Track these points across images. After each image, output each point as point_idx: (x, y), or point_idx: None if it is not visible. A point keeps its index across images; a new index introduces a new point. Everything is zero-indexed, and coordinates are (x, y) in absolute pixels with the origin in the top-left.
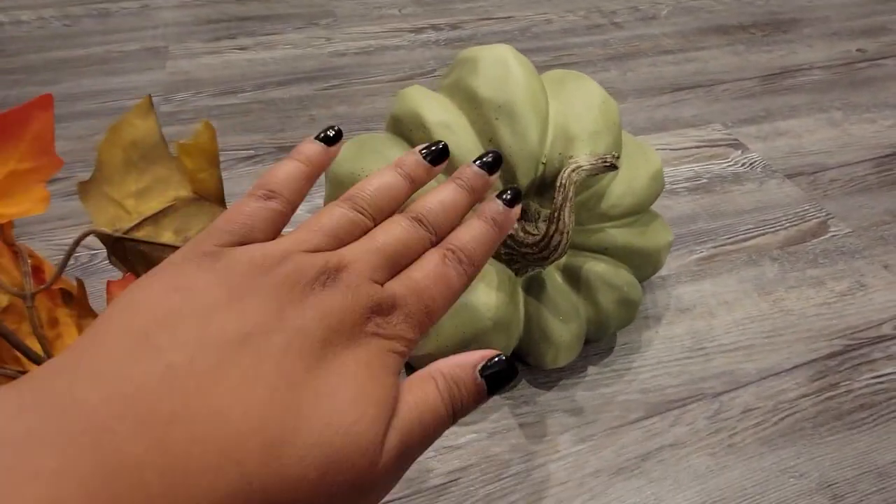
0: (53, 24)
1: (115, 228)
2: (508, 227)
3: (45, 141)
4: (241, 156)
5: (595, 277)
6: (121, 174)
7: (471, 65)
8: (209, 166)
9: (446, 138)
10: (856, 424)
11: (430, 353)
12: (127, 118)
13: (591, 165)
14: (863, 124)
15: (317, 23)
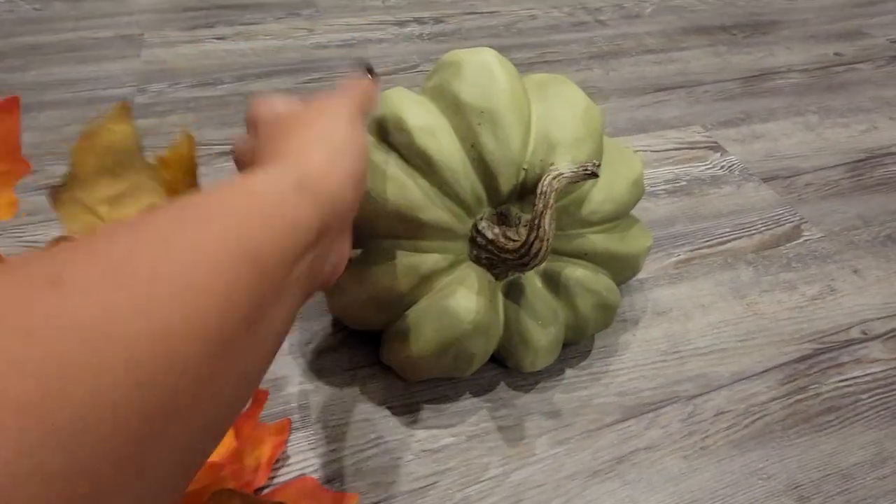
0: (23, 8)
1: None
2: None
3: (11, 145)
4: (219, 150)
5: (574, 282)
6: (94, 179)
7: (454, 69)
8: (186, 176)
9: (428, 143)
10: (822, 427)
11: (408, 357)
12: (103, 123)
13: (573, 173)
14: (837, 129)
15: (298, 13)
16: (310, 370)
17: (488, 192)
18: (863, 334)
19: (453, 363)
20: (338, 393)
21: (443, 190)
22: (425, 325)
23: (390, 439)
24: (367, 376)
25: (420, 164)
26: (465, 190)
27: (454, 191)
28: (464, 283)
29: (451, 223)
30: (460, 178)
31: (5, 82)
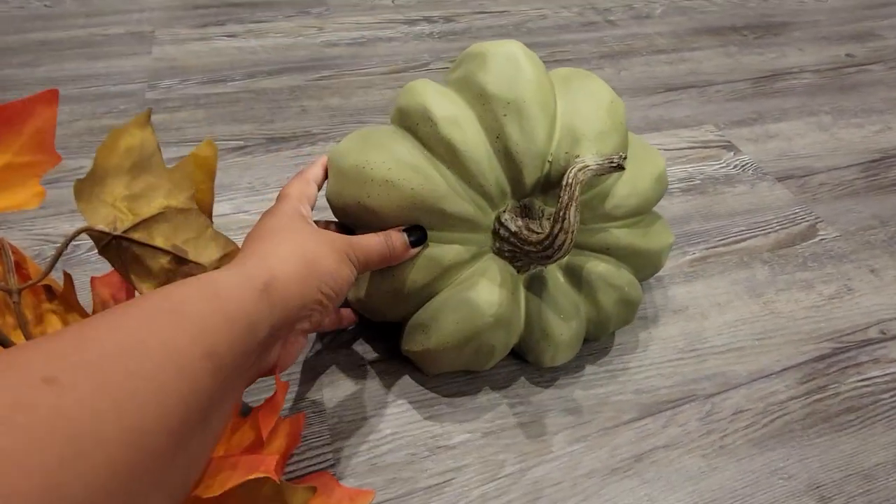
0: (34, 5)
1: (113, 227)
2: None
3: (46, 136)
4: (230, 146)
5: (596, 277)
6: (113, 177)
7: (480, 60)
8: (204, 182)
9: (453, 133)
10: (843, 427)
11: (428, 349)
12: (127, 128)
13: (598, 165)
14: (851, 129)
15: (308, 11)
16: (325, 366)
17: (512, 184)
18: (881, 334)
19: (473, 356)
20: (353, 388)
21: (467, 181)
22: (446, 316)
23: (406, 435)
24: (382, 371)
25: (445, 154)
26: (489, 181)
27: (478, 182)
28: (486, 275)
29: (474, 215)
30: (485, 169)
31: (17, 78)
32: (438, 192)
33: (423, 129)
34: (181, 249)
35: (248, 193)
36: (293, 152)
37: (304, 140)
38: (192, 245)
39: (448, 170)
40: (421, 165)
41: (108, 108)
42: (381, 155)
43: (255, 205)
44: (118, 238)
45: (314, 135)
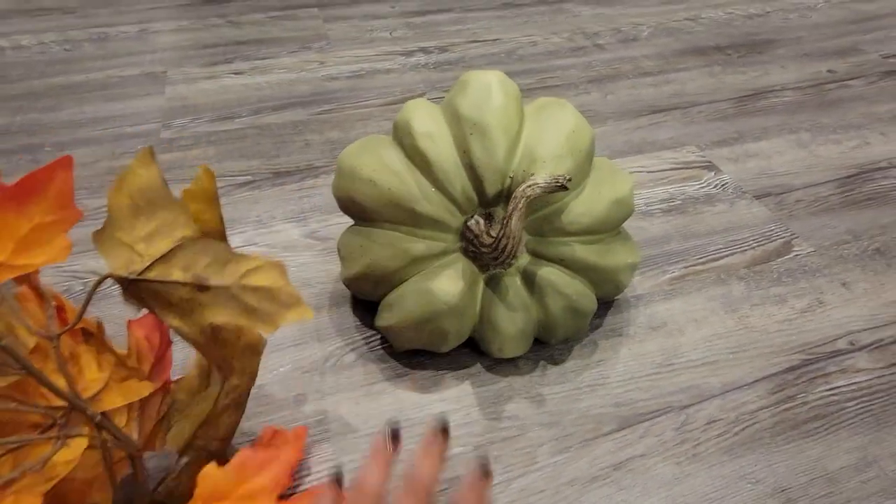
0: (54, 49)
1: (129, 271)
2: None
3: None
4: (238, 182)
5: (546, 283)
6: (130, 220)
7: (462, 86)
8: (210, 208)
9: (427, 146)
10: (809, 434)
11: (392, 325)
12: (131, 168)
13: (546, 184)
14: (829, 145)
15: (310, 46)
16: (327, 386)
17: (478, 194)
18: (850, 345)
19: (429, 337)
20: (354, 407)
21: (438, 188)
22: (409, 299)
23: (403, 450)
24: (380, 392)
25: (420, 163)
26: (456, 189)
27: (447, 189)
28: (449, 269)
29: (444, 217)
30: (452, 178)
31: (42, 122)
32: (411, 193)
33: (406, 141)
34: (201, 277)
35: (257, 226)
36: (297, 185)
37: (308, 173)
38: (212, 269)
39: (423, 177)
40: (400, 171)
41: (127, 149)
42: (370, 159)
43: (263, 237)
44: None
45: (317, 168)
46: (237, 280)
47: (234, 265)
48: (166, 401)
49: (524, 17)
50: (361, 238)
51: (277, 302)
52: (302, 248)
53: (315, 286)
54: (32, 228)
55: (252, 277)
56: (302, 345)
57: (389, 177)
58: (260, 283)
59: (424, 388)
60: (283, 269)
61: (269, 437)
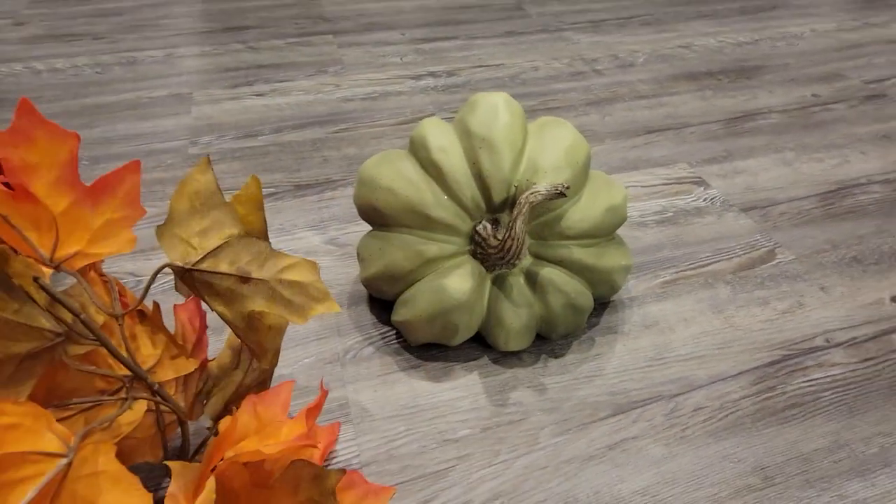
0: (86, 72)
1: (185, 262)
2: None
3: (133, 195)
4: (262, 194)
5: (548, 282)
6: (187, 218)
7: (472, 106)
8: (255, 211)
9: (441, 158)
10: (787, 420)
11: (407, 320)
12: (191, 174)
13: (546, 191)
14: (812, 163)
15: (326, 70)
16: (348, 375)
17: (486, 201)
18: (826, 342)
19: (441, 330)
20: (372, 394)
21: (450, 195)
22: (422, 296)
23: (417, 431)
24: (396, 381)
25: (434, 173)
26: (466, 197)
27: (458, 197)
28: (459, 269)
29: (454, 222)
30: (463, 187)
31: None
32: (426, 200)
33: (421, 154)
34: (244, 270)
35: (279, 234)
36: (317, 197)
37: (327, 186)
38: (254, 264)
39: (436, 185)
40: (416, 180)
41: (158, 163)
42: (389, 170)
43: (286, 243)
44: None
45: (335, 181)
46: (275, 274)
47: (273, 261)
48: (203, 376)
49: (527, 45)
50: (380, 241)
51: (309, 296)
52: (322, 253)
53: (335, 287)
54: (104, 223)
55: (288, 273)
56: (324, 339)
57: (406, 186)
58: (295, 277)
59: (436, 378)
60: (316, 267)
61: (312, 419)
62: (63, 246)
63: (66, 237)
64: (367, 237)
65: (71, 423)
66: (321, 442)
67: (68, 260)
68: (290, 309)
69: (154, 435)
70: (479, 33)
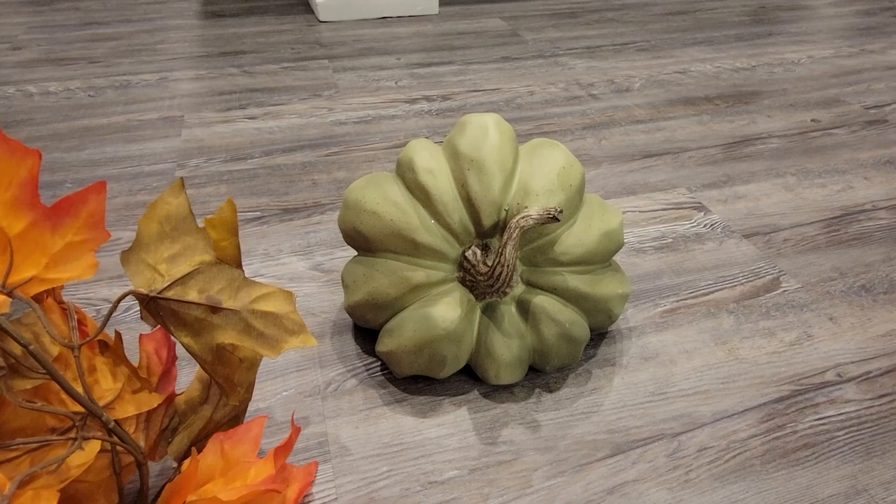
0: (79, 95)
1: (150, 289)
2: None
3: (97, 218)
4: (248, 217)
5: (540, 311)
6: (156, 243)
7: (461, 126)
8: (230, 236)
9: (428, 180)
10: (799, 462)
11: (392, 350)
12: (162, 197)
13: (538, 216)
14: (814, 188)
15: (320, 94)
16: (329, 409)
17: (475, 225)
18: (838, 377)
19: (428, 362)
20: (353, 431)
21: (437, 219)
22: (408, 325)
23: (400, 472)
24: (380, 416)
25: (421, 196)
26: (454, 221)
27: (446, 221)
28: (446, 296)
29: (442, 247)
30: (451, 210)
31: (64, 161)
32: (411, 225)
33: (408, 176)
34: (215, 299)
35: (265, 259)
36: (304, 221)
37: (315, 210)
38: (226, 293)
39: (423, 209)
40: (402, 203)
41: (143, 186)
42: (374, 193)
43: (270, 269)
44: (154, 298)
45: (323, 205)
46: (247, 304)
47: (247, 290)
48: (169, 412)
49: (522, 70)
50: (364, 267)
51: (283, 328)
52: (307, 279)
53: (319, 315)
54: (64, 246)
55: (262, 303)
56: (305, 370)
57: (392, 209)
58: (269, 308)
59: (422, 413)
60: (292, 297)
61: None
62: (17, 270)
63: (22, 261)
64: (351, 263)
65: (15, 465)
66: (296, 483)
67: (22, 285)
68: (261, 341)
69: (109, 478)
70: (474, 59)
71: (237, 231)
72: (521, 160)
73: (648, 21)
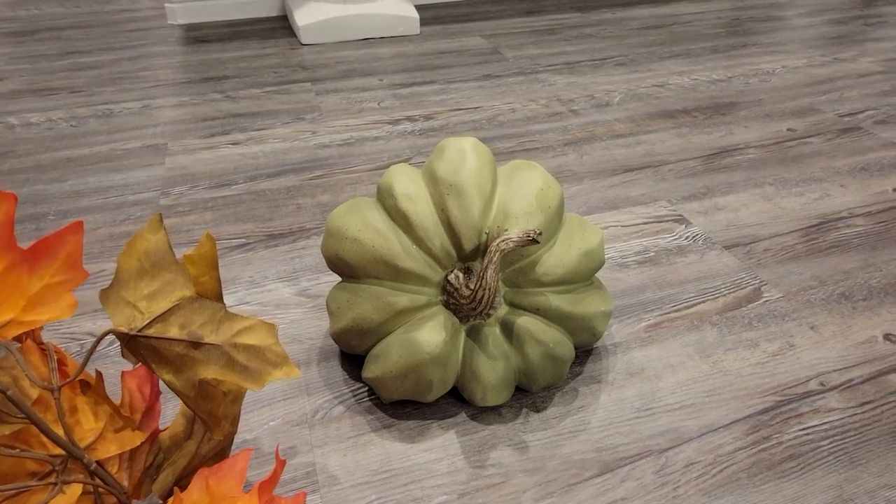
0: (61, 125)
1: (130, 328)
2: None
3: (75, 258)
4: (233, 244)
5: (524, 332)
6: (135, 280)
7: (440, 151)
8: (209, 271)
9: (408, 206)
10: (785, 474)
11: (378, 376)
12: (141, 233)
13: (518, 238)
14: (792, 198)
15: (303, 117)
16: (316, 438)
17: (457, 249)
18: (821, 386)
19: (414, 387)
20: (341, 459)
21: (419, 244)
22: (393, 351)
23: (389, 499)
24: (368, 442)
25: (402, 222)
26: (435, 245)
27: (427, 245)
28: (431, 321)
29: (425, 272)
30: (431, 235)
31: (47, 193)
32: (393, 250)
33: (388, 202)
34: (196, 335)
35: (249, 286)
36: (289, 246)
37: (300, 235)
38: (207, 328)
39: (405, 235)
40: (382, 230)
41: (127, 216)
42: (355, 219)
43: (256, 296)
44: (135, 336)
45: (308, 230)
46: (229, 338)
47: (228, 324)
48: (153, 449)
49: (503, 87)
50: (348, 293)
51: (265, 360)
52: (293, 305)
53: (305, 342)
54: (42, 287)
55: (244, 336)
56: (292, 399)
57: (373, 235)
58: (251, 341)
59: (410, 438)
60: (274, 329)
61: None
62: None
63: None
64: (335, 289)
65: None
66: None
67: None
68: (244, 375)
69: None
70: (456, 77)
71: (217, 265)
72: (500, 183)
73: (626, 35)
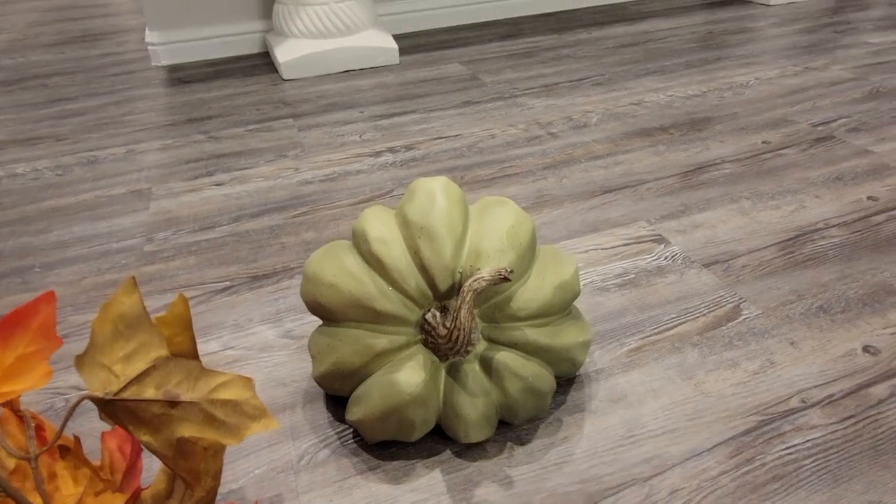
0: (46, 175)
1: (105, 392)
2: None
3: (48, 328)
4: (217, 288)
5: (503, 367)
6: (110, 343)
7: (410, 194)
8: (183, 331)
9: (381, 250)
10: (769, 496)
11: (361, 419)
12: (115, 297)
13: (490, 277)
14: (768, 211)
15: (286, 154)
16: (302, 484)
17: (431, 289)
18: (802, 403)
19: (397, 428)
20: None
21: (394, 286)
22: (374, 393)
23: None
24: (353, 486)
25: (376, 266)
26: (411, 287)
27: (402, 287)
28: (410, 361)
29: (402, 312)
30: (406, 277)
31: (33, 245)
32: (369, 294)
33: (362, 247)
34: (173, 393)
35: (234, 331)
36: (274, 287)
37: (284, 275)
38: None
39: (380, 277)
40: (358, 274)
41: (112, 264)
42: (331, 265)
43: (240, 340)
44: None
45: (292, 269)
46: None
47: (205, 381)
48: None
49: (483, 113)
50: (328, 337)
51: (243, 414)
52: (277, 348)
53: (290, 384)
54: (17, 358)
55: (221, 391)
56: (277, 445)
57: (349, 280)
58: (228, 396)
59: (396, 480)
60: (251, 382)
61: None
62: None
63: None
64: (315, 333)
65: None
66: None
67: None
68: (223, 431)
69: None
70: (436, 105)
71: (191, 325)
72: (472, 221)
73: (601, 55)
